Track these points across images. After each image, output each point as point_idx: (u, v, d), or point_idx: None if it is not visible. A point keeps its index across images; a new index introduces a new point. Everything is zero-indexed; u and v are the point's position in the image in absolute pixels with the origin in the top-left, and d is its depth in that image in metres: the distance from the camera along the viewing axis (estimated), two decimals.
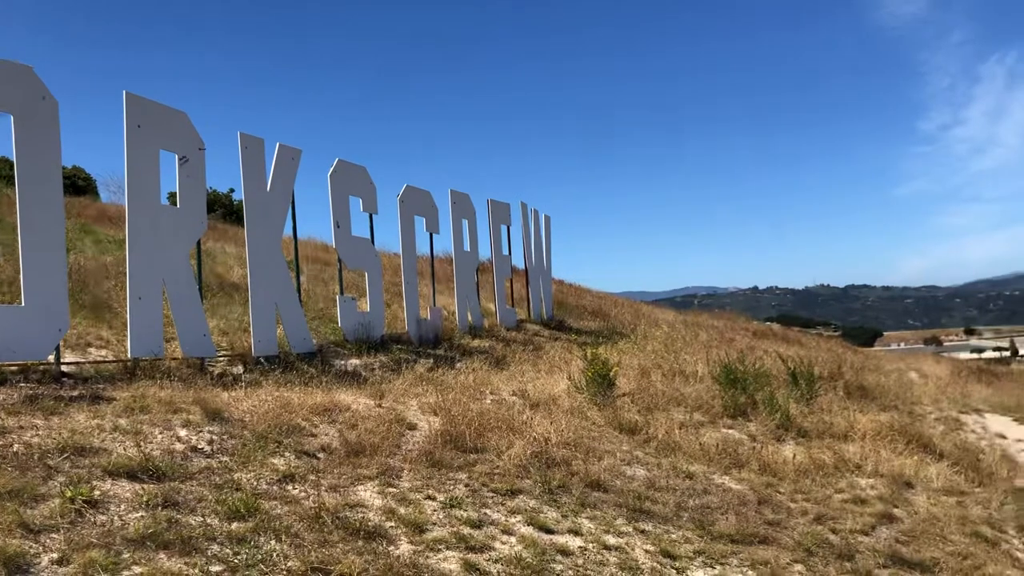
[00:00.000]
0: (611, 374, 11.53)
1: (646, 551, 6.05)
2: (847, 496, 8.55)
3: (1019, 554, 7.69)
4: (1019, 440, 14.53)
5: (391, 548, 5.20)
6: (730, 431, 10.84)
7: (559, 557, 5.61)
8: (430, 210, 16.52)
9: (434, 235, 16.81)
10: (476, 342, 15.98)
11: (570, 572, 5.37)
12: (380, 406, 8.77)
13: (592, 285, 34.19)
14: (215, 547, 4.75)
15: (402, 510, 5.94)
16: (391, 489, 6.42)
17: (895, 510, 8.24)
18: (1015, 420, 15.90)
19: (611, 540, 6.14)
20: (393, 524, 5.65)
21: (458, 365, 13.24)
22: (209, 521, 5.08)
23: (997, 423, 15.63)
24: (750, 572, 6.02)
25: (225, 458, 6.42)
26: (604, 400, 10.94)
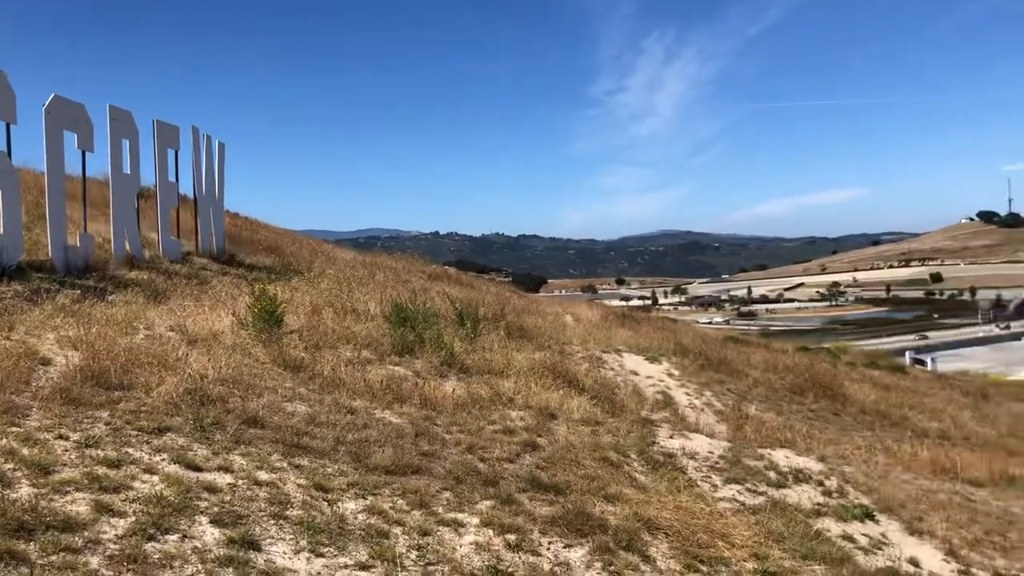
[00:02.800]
0: (279, 311, 11.27)
1: (299, 485, 6.03)
2: (498, 427, 9.13)
3: (637, 475, 8.73)
4: (649, 376, 16.47)
5: (7, 492, 4.68)
6: (396, 368, 11.10)
7: (205, 494, 5.40)
8: (83, 125, 14.83)
9: (88, 154, 15.16)
10: (134, 274, 14.78)
11: (215, 509, 5.20)
12: (8, 339, 7.83)
13: (272, 221, 33.00)
14: None
15: (26, 451, 5.37)
16: (15, 429, 5.78)
17: (539, 439, 8.94)
18: (647, 359, 17.97)
19: (264, 476, 6.04)
20: (13, 466, 5.09)
21: (110, 298, 12.18)
22: None
23: (632, 362, 17.56)
24: (400, 501, 6.23)
25: None
26: (270, 337, 10.66)
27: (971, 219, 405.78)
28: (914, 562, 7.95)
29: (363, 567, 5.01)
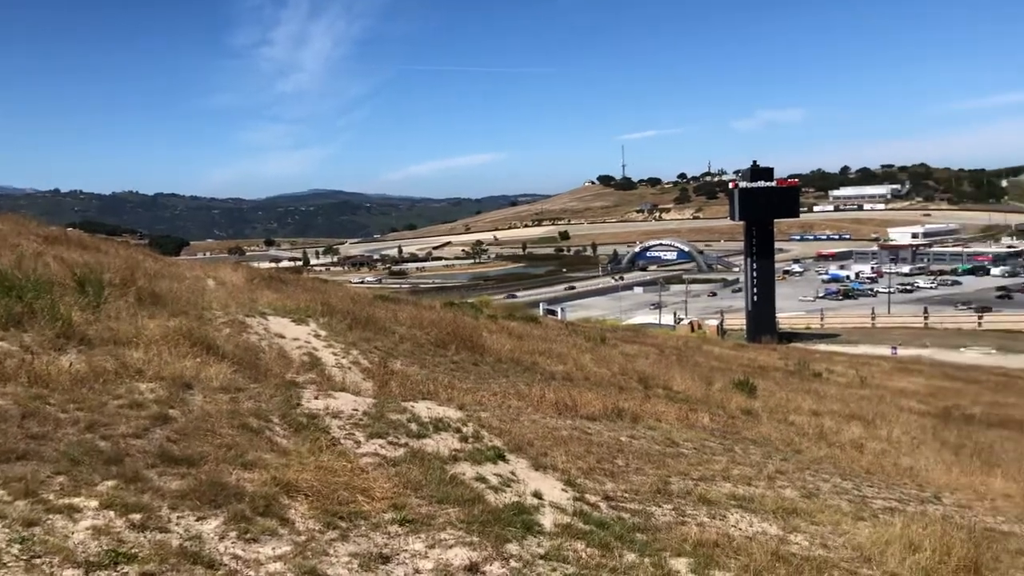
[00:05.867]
0: None
1: None
2: (125, 401, 8.43)
3: (279, 439, 8.56)
4: (295, 339, 16.22)
5: None
6: (0, 343, 9.80)
7: None
8: None
9: None
10: None
11: None
12: None
13: None
14: None
15: None
16: None
17: (171, 411, 8.41)
18: (294, 321, 17.66)
19: None
20: None
21: None
22: None
23: (279, 325, 17.16)
24: (1, 491, 5.53)
25: None
26: None
27: (592, 182, 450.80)
28: (538, 495, 8.69)
29: None
